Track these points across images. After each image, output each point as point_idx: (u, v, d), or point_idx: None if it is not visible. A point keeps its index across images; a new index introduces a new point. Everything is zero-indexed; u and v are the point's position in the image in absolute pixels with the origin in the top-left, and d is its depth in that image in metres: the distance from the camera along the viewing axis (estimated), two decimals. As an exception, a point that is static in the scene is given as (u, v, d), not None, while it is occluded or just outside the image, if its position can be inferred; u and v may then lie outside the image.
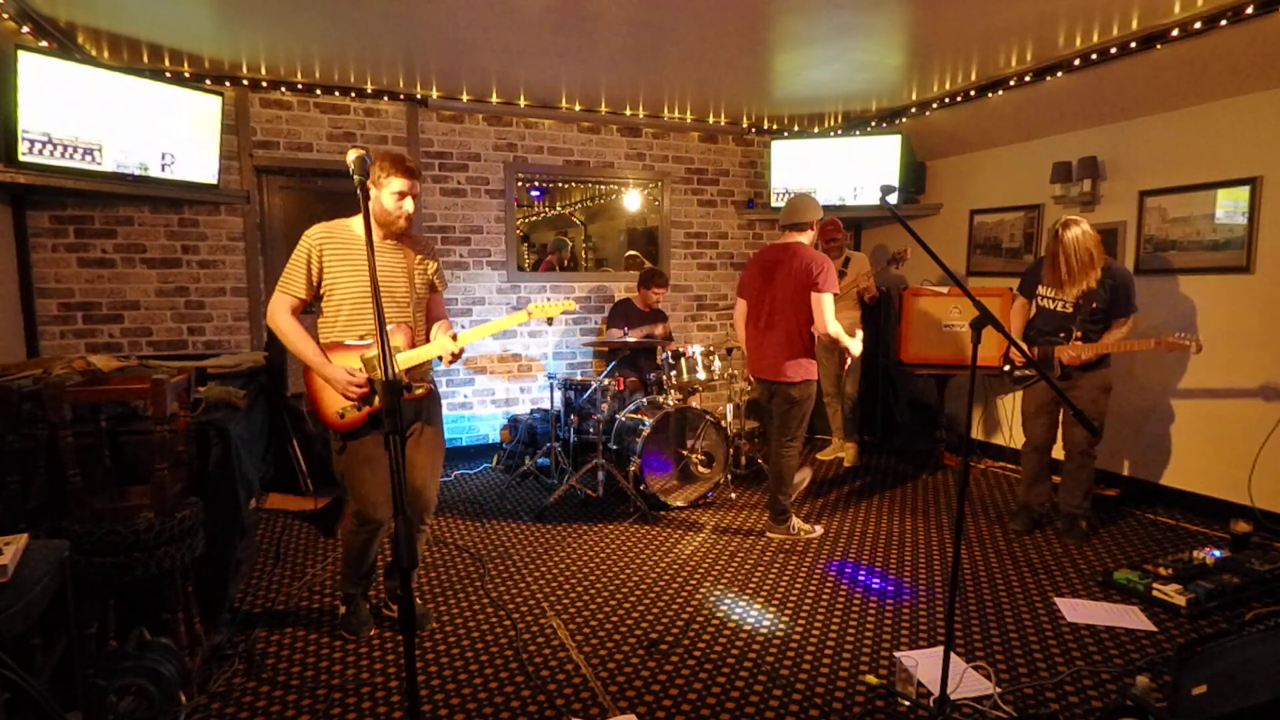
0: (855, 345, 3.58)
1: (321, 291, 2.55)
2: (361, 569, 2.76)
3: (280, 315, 2.51)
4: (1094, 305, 3.50)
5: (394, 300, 2.58)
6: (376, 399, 2.50)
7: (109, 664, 2.04)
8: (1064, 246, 3.44)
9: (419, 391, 2.64)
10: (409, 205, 2.52)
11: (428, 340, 2.68)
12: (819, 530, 3.83)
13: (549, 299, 3.04)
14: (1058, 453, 3.77)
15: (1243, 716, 1.77)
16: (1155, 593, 2.96)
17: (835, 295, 3.50)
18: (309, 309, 2.57)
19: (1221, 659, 1.92)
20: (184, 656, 2.25)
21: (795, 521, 3.78)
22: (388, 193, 2.48)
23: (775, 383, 3.62)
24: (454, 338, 2.62)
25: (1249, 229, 3.78)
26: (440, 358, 2.59)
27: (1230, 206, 3.87)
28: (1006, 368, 3.80)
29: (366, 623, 2.82)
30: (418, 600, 3.02)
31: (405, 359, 2.56)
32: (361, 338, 2.56)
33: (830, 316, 3.45)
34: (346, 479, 2.64)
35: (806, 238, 3.63)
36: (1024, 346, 3.61)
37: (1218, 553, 3.21)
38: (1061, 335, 3.57)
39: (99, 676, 1.98)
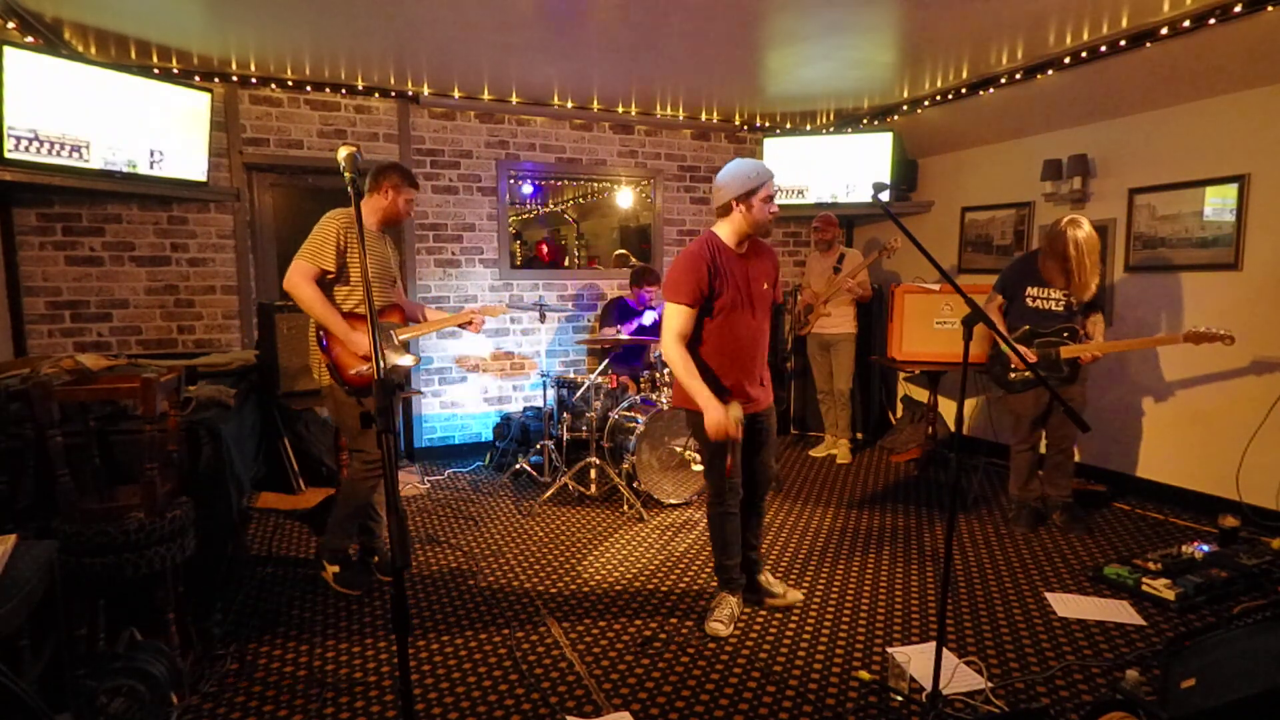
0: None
1: (338, 269, 2.85)
2: (357, 519, 3.03)
3: (307, 284, 2.77)
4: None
5: (391, 282, 3.06)
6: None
7: (99, 665, 2.03)
8: (1078, 247, 3.38)
9: (413, 361, 3.13)
10: (412, 210, 3.06)
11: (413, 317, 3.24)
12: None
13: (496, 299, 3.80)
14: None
15: (1231, 709, 1.79)
16: (1145, 587, 2.98)
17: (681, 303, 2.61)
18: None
19: (1210, 652, 1.94)
20: (175, 657, 2.24)
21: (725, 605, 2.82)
22: (404, 199, 2.99)
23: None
24: (467, 321, 3.29)
25: (1237, 226, 3.81)
26: (469, 324, 3.21)
27: (1219, 204, 3.90)
28: (1012, 375, 3.72)
29: (363, 574, 3.05)
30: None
31: (405, 333, 3.06)
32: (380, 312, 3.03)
33: (664, 334, 2.64)
34: (357, 431, 2.96)
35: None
36: (1022, 350, 3.60)
37: (1206, 547, 3.24)
38: (1066, 335, 3.58)
39: (89, 677, 1.97)
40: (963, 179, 5.45)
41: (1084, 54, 3.93)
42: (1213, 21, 3.39)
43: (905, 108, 5.19)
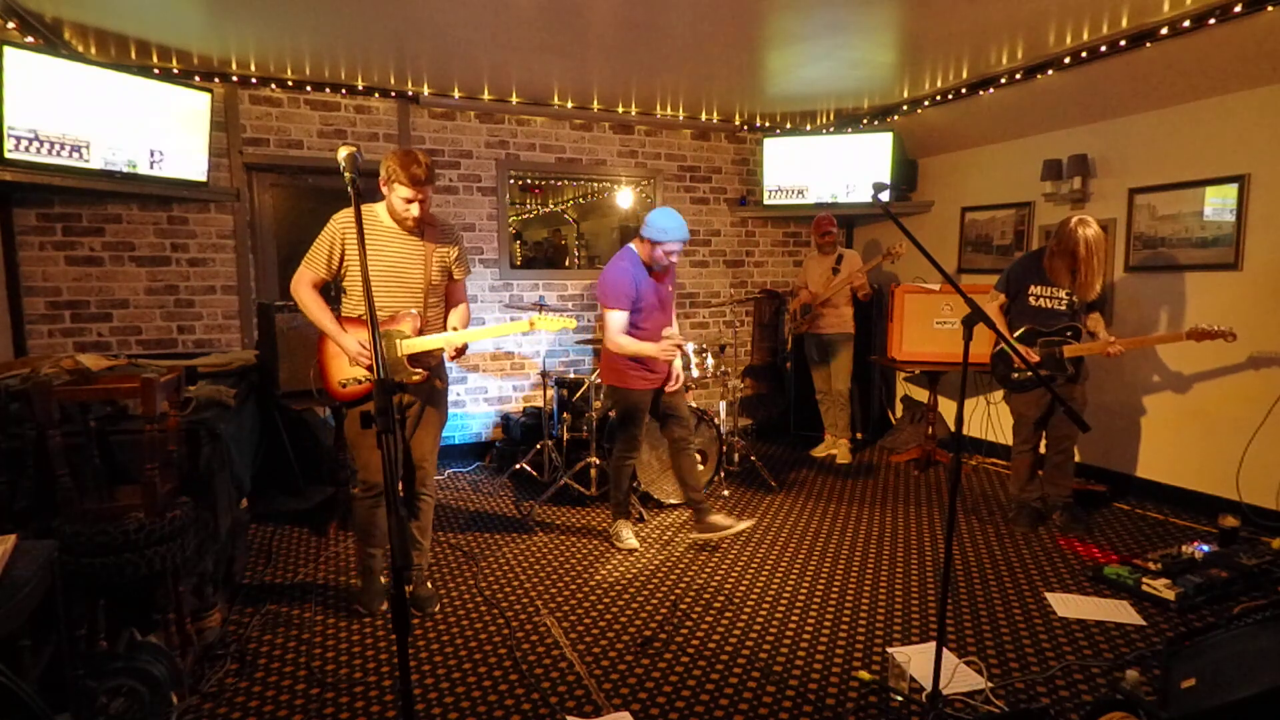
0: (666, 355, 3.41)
1: (343, 272, 2.73)
2: (374, 535, 2.89)
3: (303, 288, 2.71)
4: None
5: (407, 287, 2.74)
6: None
7: (99, 665, 2.03)
8: (1088, 246, 3.38)
9: (415, 378, 2.75)
10: (415, 209, 2.64)
11: (444, 327, 2.86)
12: (633, 542, 3.64)
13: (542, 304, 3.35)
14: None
15: (1231, 709, 1.79)
16: (1145, 587, 2.99)
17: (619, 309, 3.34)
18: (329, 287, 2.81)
19: (1210, 652, 1.94)
20: (175, 657, 2.24)
21: (621, 526, 3.71)
22: (396, 197, 2.61)
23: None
24: (455, 330, 2.79)
25: (1237, 226, 3.81)
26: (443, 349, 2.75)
27: (1219, 204, 3.90)
28: (1015, 374, 3.71)
29: (378, 596, 2.94)
30: (428, 585, 3.07)
31: (411, 346, 2.71)
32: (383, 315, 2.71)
33: (610, 331, 3.37)
34: (350, 445, 2.85)
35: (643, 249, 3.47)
36: (1023, 350, 3.59)
37: (1206, 547, 3.24)
38: (1069, 334, 3.58)
39: (89, 677, 1.97)
40: (963, 179, 5.45)
41: (1084, 54, 3.93)
42: (1213, 21, 3.39)
43: (905, 108, 5.19)
